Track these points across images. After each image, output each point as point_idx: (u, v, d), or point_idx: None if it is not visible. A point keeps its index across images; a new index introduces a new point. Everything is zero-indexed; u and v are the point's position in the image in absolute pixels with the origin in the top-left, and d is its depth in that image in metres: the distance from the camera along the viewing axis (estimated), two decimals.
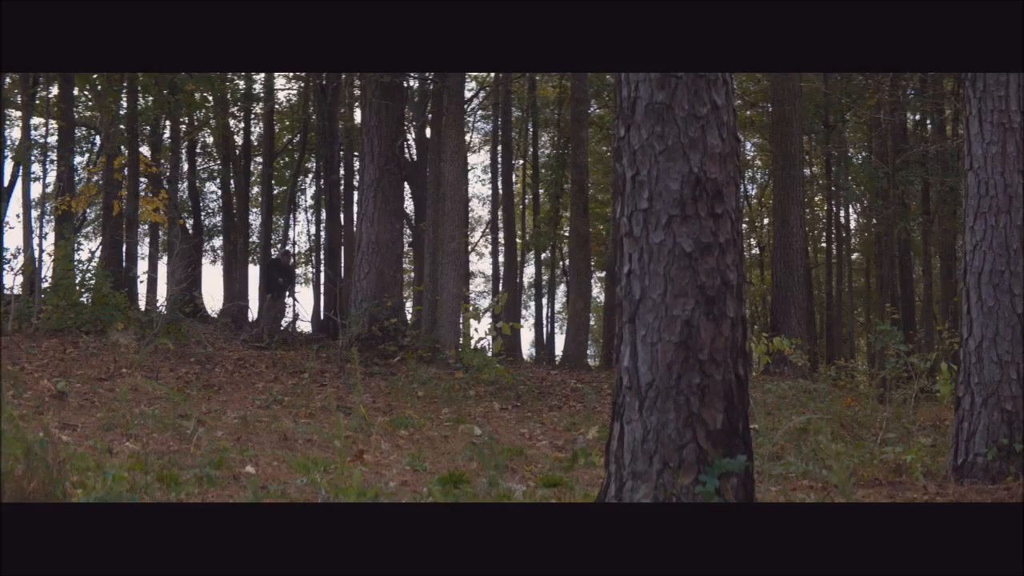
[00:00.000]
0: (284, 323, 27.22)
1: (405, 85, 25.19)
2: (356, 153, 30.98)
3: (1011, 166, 11.03)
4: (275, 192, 37.01)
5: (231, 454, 10.84)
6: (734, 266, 7.73)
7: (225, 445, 11.35)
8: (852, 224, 39.44)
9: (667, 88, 7.75)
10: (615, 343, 8.01)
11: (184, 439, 11.58)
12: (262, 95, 34.53)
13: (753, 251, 41.01)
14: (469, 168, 36.58)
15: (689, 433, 7.52)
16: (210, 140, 38.58)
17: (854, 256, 39.51)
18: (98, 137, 32.63)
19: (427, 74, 24.23)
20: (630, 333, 7.76)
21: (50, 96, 30.31)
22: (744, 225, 40.14)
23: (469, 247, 39.10)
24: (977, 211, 11.11)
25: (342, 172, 32.79)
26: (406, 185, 28.12)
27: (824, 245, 36.80)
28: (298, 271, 41.39)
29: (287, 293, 27.35)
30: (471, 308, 22.23)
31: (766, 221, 38.55)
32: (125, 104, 29.89)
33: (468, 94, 29.35)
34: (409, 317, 25.36)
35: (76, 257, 23.35)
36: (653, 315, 7.66)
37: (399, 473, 10.74)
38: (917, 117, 31.11)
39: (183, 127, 35.85)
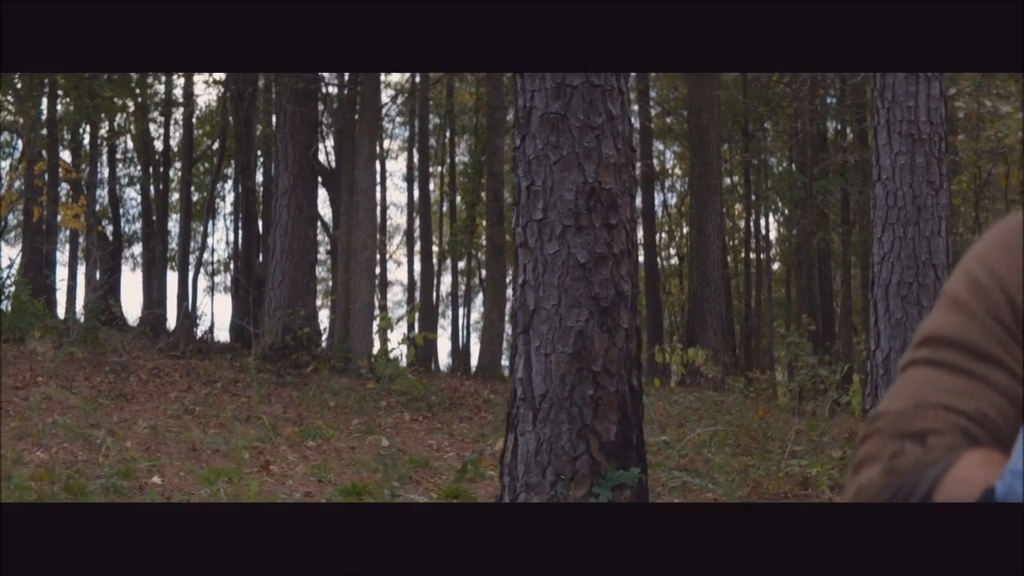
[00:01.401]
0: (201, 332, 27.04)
1: (322, 92, 25.02)
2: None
3: (920, 177, 10.96)
4: (195, 199, 36.76)
5: (139, 464, 10.77)
6: (628, 277, 7.66)
7: (134, 455, 11.25)
8: (772, 234, 39.56)
9: (562, 98, 7.67)
10: (510, 354, 7.93)
11: (93, 449, 11.44)
12: (181, 100, 34.29)
13: (672, 261, 41.04)
14: (388, 175, 36.46)
15: (582, 445, 7.45)
16: (130, 145, 38.28)
17: (775, 266, 39.63)
18: (20, 142, 32.29)
19: (344, 78, 24.08)
20: (524, 344, 7.68)
21: None
22: (664, 234, 40.33)
23: (388, 255, 38.92)
24: (885, 222, 11.05)
25: (260, 179, 32.59)
26: (325, 192, 27.96)
27: (744, 255, 36.92)
28: (216, 279, 41.26)
29: None
30: (386, 317, 22.09)
31: (685, 231, 38.60)
32: (45, 109, 29.57)
33: (385, 99, 29.15)
34: (328, 326, 25.19)
35: None
36: (547, 326, 7.58)
37: (303, 484, 10.65)
38: (838, 126, 31.21)
39: (103, 132, 35.52)
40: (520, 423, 7.63)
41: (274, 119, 28.83)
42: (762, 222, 37.13)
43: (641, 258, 31.82)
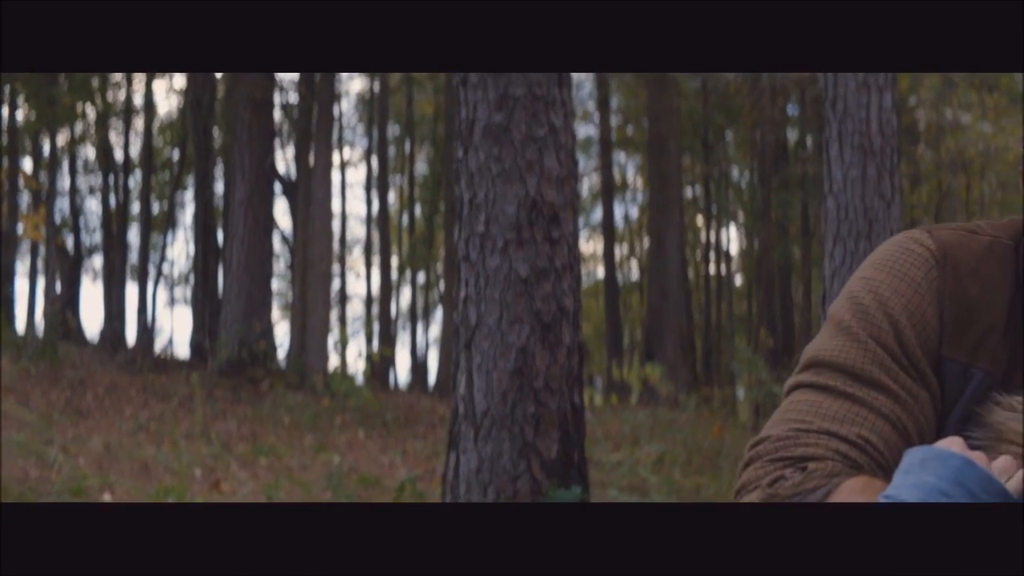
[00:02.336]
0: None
1: (281, 101, 24.88)
2: None
3: (871, 190, 10.81)
4: (156, 211, 36.55)
5: (90, 482, 10.78)
6: (571, 292, 7.56)
7: (86, 472, 11.30)
8: (734, 247, 39.53)
9: (505, 109, 7.56)
10: (452, 371, 7.84)
11: (46, 466, 11.38)
12: (141, 108, 34.14)
13: (632, 273, 40.85)
14: (348, 186, 36.27)
15: (523, 463, 7.34)
16: (92, 156, 38.03)
17: (737, 280, 39.57)
18: None
19: (301, 87, 23.95)
20: (466, 360, 7.57)
21: None
22: (626, 247, 40.22)
23: (346, 268, 38.75)
24: (836, 236, 10.89)
25: (222, 190, 32.36)
26: (287, 203, 27.78)
27: (706, 268, 36.78)
28: (177, 292, 41.00)
29: None
30: (343, 332, 21.98)
31: (647, 244, 38.54)
32: (6, 116, 29.39)
33: (347, 108, 28.93)
34: (289, 340, 25.01)
35: None
36: (489, 342, 7.47)
37: (251, 502, 10.53)
38: (798, 137, 31.16)
39: (61, 142, 35.27)
40: (462, 441, 7.53)
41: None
42: (723, 235, 37.12)
43: (601, 271, 31.77)
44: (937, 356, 2.00)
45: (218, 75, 27.09)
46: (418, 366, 36.40)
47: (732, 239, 41.05)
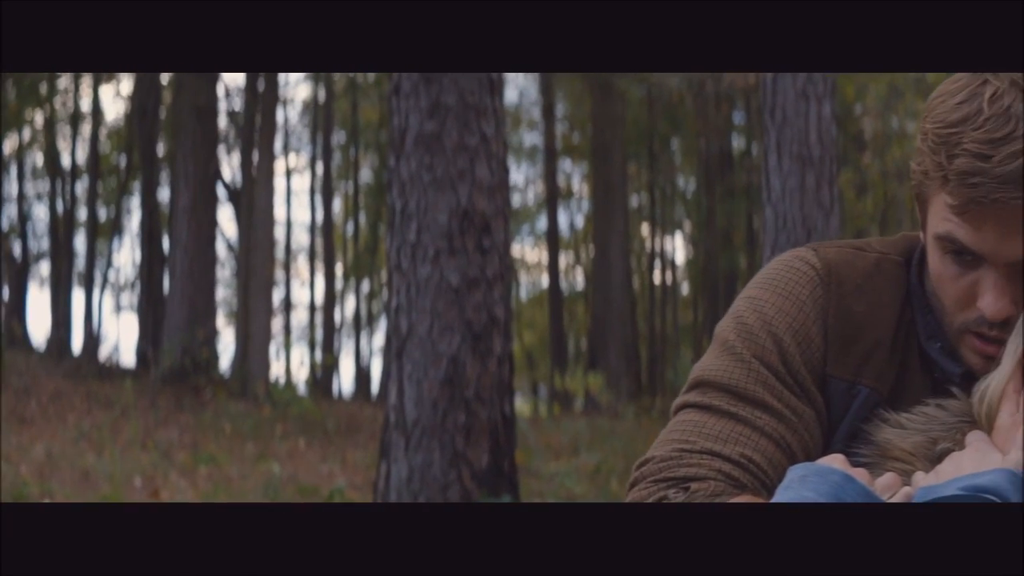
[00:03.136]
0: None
1: (225, 109, 24.76)
2: None
3: (810, 200, 10.78)
4: (103, 219, 36.33)
5: (31, 489, 10.75)
6: (502, 301, 7.57)
7: (27, 480, 11.19)
8: (679, 256, 39.48)
9: (437, 117, 7.55)
10: (383, 380, 7.84)
11: None
12: (89, 112, 33.99)
13: (578, 282, 40.69)
14: (294, 193, 36.09)
15: (454, 473, 7.34)
16: (39, 162, 37.82)
17: (684, 289, 39.51)
18: None
19: (244, 92, 23.87)
20: (397, 370, 7.56)
21: None
22: (572, 255, 40.10)
23: (291, 275, 38.57)
24: (775, 246, 10.86)
25: (169, 197, 32.19)
26: (232, 211, 27.61)
27: (651, 277, 36.68)
28: (124, 299, 40.75)
29: None
30: (287, 340, 21.89)
31: (592, 253, 38.40)
32: None
33: (292, 114, 28.78)
34: (234, 349, 24.86)
35: None
36: (420, 351, 7.46)
37: None
38: (743, 145, 31.17)
39: (8, 146, 35.03)
40: (393, 450, 7.52)
41: None
42: (668, 243, 37.03)
43: (546, 280, 31.64)
44: (822, 374, 2.00)
45: (164, 82, 26.94)
46: (362, 375, 36.23)
47: (678, 248, 40.95)
